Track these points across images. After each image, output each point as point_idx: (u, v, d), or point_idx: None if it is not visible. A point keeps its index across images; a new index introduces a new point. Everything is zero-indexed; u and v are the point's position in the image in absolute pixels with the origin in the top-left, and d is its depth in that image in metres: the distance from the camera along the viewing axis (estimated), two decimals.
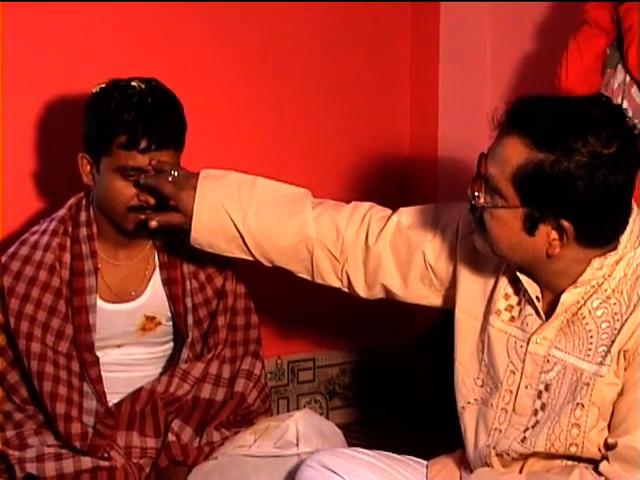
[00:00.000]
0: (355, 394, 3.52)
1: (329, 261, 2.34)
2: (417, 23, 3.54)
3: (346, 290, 2.39)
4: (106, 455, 2.44)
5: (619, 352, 1.97)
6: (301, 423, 2.47)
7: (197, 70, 3.09)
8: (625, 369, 1.97)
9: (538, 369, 2.05)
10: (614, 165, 1.89)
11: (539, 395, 2.05)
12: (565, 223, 1.92)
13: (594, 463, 2.02)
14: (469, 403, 2.16)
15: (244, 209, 2.31)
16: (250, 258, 2.38)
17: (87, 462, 2.41)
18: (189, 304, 2.55)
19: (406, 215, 2.33)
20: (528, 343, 2.06)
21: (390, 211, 2.36)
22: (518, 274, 2.06)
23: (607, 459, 1.98)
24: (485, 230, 2.00)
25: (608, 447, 1.99)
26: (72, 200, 2.55)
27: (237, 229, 2.32)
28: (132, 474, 2.44)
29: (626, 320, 1.97)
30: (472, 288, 2.18)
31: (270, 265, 2.40)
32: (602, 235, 1.96)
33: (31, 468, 2.39)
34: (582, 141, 1.88)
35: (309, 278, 2.40)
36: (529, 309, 2.08)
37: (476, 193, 1.98)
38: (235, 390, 2.55)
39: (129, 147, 2.37)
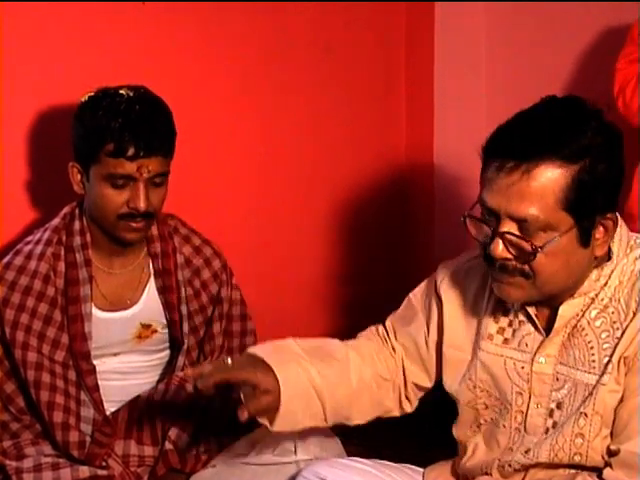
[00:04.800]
0: None
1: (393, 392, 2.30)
2: (412, 29, 3.54)
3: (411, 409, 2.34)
4: (104, 464, 2.44)
5: (619, 359, 1.96)
6: (299, 430, 2.47)
7: (190, 77, 3.08)
8: (625, 375, 1.96)
9: (548, 387, 2.03)
10: (614, 139, 1.92)
11: (550, 414, 2.03)
12: (609, 215, 1.92)
13: (597, 471, 2.00)
14: (479, 425, 2.14)
15: (323, 401, 2.19)
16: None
17: (85, 471, 2.40)
18: (184, 311, 2.55)
19: (397, 334, 2.28)
20: (532, 363, 2.04)
21: (380, 332, 2.32)
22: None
23: (610, 465, 1.97)
24: (534, 273, 1.92)
25: (610, 454, 1.98)
26: (66, 209, 2.55)
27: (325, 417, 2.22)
28: None
29: (626, 328, 1.96)
30: (458, 323, 2.16)
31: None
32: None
33: (28, 478, 2.38)
34: (586, 138, 1.87)
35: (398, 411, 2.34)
36: (526, 329, 2.06)
37: (510, 250, 1.91)
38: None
39: (117, 155, 2.37)
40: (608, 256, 1.98)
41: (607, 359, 1.97)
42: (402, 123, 3.57)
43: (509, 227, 1.89)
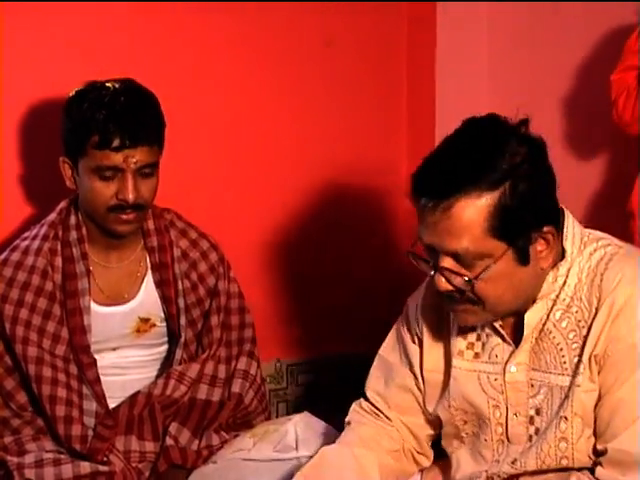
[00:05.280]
0: (354, 398, 3.51)
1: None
2: (413, 29, 3.54)
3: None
4: (105, 459, 2.43)
5: (590, 358, 1.95)
6: (300, 427, 2.47)
7: (190, 74, 3.08)
8: (599, 373, 1.95)
9: (524, 395, 2.02)
10: (536, 152, 1.91)
11: (531, 421, 2.03)
12: (546, 228, 1.91)
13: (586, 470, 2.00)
14: (462, 438, 2.13)
15: None
16: None
17: (86, 467, 2.41)
18: (181, 304, 2.56)
19: (387, 400, 2.24)
20: (504, 374, 2.03)
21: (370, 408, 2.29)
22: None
23: (600, 465, 1.96)
24: (481, 300, 1.93)
25: (598, 453, 1.97)
26: (62, 204, 2.56)
27: None
28: (131, 478, 2.44)
29: (591, 325, 1.95)
30: (434, 345, 2.14)
31: None
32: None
33: (30, 474, 2.39)
34: (503, 162, 1.86)
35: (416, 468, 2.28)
36: (494, 340, 2.05)
37: (452, 281, 1.91)
38: (232, 391, 2.56)
39: (102, 146, 2.37)
40: (562, 255, 1.98)
41: (577, 359, 1.96)
42: (403, 123, 3.57)
43: (446, 261, 1.91)
